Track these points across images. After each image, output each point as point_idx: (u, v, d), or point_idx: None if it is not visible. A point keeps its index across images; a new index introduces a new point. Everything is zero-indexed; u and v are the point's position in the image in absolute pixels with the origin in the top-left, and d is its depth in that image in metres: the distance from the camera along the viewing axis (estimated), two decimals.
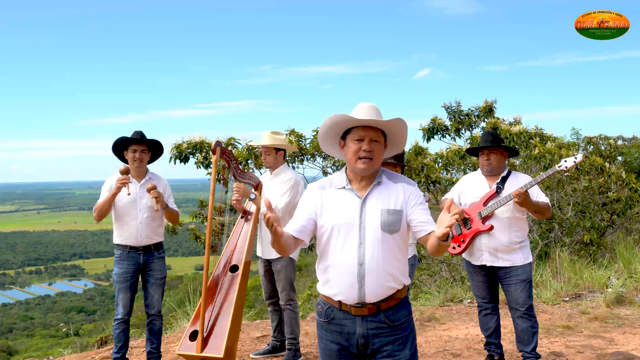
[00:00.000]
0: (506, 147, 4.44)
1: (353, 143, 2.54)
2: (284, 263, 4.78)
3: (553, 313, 6.47)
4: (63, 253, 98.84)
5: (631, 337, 5.45)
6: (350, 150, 2.55)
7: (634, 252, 8.27)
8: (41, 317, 51.73)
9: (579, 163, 4.21)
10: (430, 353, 5.14)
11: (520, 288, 4.29)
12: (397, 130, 2.59)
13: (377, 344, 2.55)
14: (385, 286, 2.52)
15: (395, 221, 2.52)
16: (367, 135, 2.52)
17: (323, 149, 2.76)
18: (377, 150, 2.54)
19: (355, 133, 2.54)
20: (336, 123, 2.56)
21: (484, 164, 4.43)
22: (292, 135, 8.55)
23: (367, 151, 2.51)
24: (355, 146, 2.54)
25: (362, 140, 2.53)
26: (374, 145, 2.53)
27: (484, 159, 4.42)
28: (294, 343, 4.86)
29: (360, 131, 2.53)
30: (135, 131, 4.71)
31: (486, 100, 10.01)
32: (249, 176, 4.85)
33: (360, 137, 2.53)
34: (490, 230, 4.31)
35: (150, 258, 4.68)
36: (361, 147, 2.52)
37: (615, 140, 11.76)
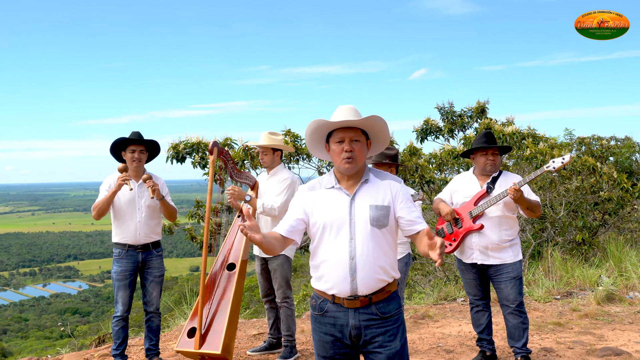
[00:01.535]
0: (503, 147, 4.56)
1: (335, 145, 2.69)
2: (280, 261, 4.87)
3: (545, 310, 6.58)
4: (57, 254, 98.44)
5: (620, 333, 5.56)
6: (334, 152, 2.70)
7: (625, 251, 8.40)
8: (35, 319, 51.54)
9: (566, 164, 4.31)
10: (424, 349, 5.23)
11: (511, 285, 4.40)
12: (375, 127, 2.72)
13: (369, 335, 2.66)
14: (376, 279, 2.64)
15: (383, 216, 2.65)
16: (347, 136, 2.66)
17: (313, 154, 2.92)
18: (359, 149, 2.67)
19: (335, 136, 2.69)
20: (315, 129, 2.71)
21: (487, 163, 4.51)
22: (288, 135, 8.63)
23: (349, 151, 2.65)
24: (337, 148, 2.68)
25: (343, 141, 2.66)
26: (354, 145, 2.66)
27: (488, 158, 4.51)
28: (290, 340, 4.95)
29: (340, 133, 2.67)
30: (133, 132, 4.81)
31: (479, 100, 10.12)
32: (245, 176, 4.94)
33: (340, 138, 2.67)
34: (480, 229, 4.42)
35: (148, 256, 4.78)
36: (343, 148, 2.66)
37: (608, 140, 11.85)
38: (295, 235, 2.72)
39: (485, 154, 4.51)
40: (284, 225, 2.73)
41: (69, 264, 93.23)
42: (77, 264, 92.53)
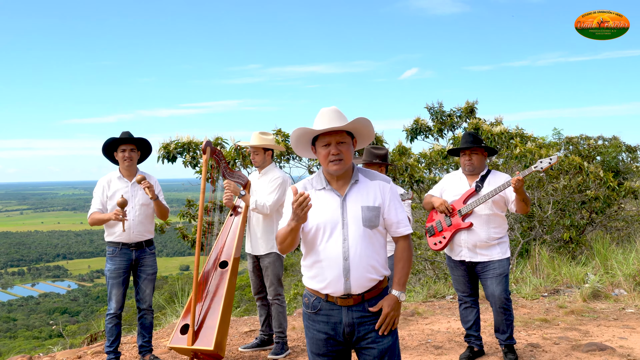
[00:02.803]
0: (486, 147, 4.65)
1: (322, 148, 2.74)
2: (272, 259, 4.94)
3: (532, 307, 6.69)
4: (46, 254, 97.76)
5: (605, 329, 5.67)
6: (321, 155, 2.75)
7: (611, 249, 8.53)
8: (24, 319, 51.18)
9: (553, 164, 4.42)
10: (413, 346, 5.32)
11: (497, 282, 4.51)
12: (360, 127, 2.78)
13: (361, 332, 2.73)
14: (369, 278, 2.71)
15: (374, 217, 2.73)
16: (332, 139, 2.71)
17: (301, 155, 2.99)
18: (345, 150, 2.73)
19: (321, 140, 2.74)
20: (300, 137, 2.77)
21: (465, 164, 4.64)
22: (279, 135, 8.69)
23: (335, 154, 2.71)
24: (324, 151, 2.73)
25: (329, 144, 2.72)
26: (341, 147, 2.72)
27: (466, 159, 4.63)
28: (281, 336, 5.02)
29: (326, 137, 2.72)
30: (123, 132, 4.87)
31: (467, 101, 10.23)
32: (237, 175, 5.01)
33: (326, 142, 2.72)
34: (469, 227, 4.52)
35: (142, 254, 4.84)
36: (329, 151, 2.71)
37: (596, 140, 11.97)
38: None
39: (464, 154, 4.64)
40: None
41: (57, 263, 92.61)
42: (66, 263, 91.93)
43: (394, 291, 2.76)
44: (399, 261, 2.80)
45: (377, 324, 2.70)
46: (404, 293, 2.77)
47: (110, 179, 4.85)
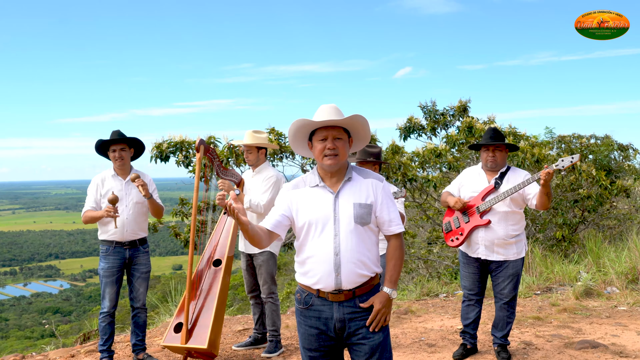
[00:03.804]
0: (507, 144, 4.65)
1: (318, 143, 2.77)
2: (265, 257, 4.94)
3: (525, 305, 6.72)
4: (38, 253, 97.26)
5: (598, 327, 5.70)
6: (317, 149, 2.78)
7: (604, 247, 8.57)
8: (16, 319, 50.94)
9: (575, 163, 4.43)
10: (407, 343, 5.33)
11: (508, 281, 4.57)
12: (357, 125, 2.81)
13: (352, 328, 2.75)
14: (359, 274, 2.74)
15: (366, 214, 2.75)
16: (330, 134, 2.75)
17: (296, 151, 3.02)
18: (341, 146, 2.76)
19: (319, 134, 2.77)
20: (299, 128, 2.80)
21: (488, 160, 4.61)
22: (272, 133, 8.68)
23: (331, 149, 2.74)
24: (320, 145, 2.76)
25: (326, 139, 2.75)
26: (337, 143, 2.75)
27: (489, 154, 4.60)
28: (275, 335, 5.02)
29: (323, 131, 2.76)
30: (113, 131, 4.83)
31: (460, 99, 10.24)
32: (231, 173, 5.00)
33: (323, 137, 2.76)
34: (487, 224, 4.52)
35: (135, 252, 4.82)
36: (326, 145, 2.75)
37: (588, 138, 12.00)
38: (280, 230, 2.82)
39: (487, 150, 4.61)
40: (270, 219, 2.82)
41: (50, 263, 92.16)
42: (58, 262, 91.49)
43: (385, 288, 2.79)
44: (390, 259, 2.83)
45: (368, 321, 2.73)
46: (395, 291, 2.80)
47: (105, 177, 4.83)
